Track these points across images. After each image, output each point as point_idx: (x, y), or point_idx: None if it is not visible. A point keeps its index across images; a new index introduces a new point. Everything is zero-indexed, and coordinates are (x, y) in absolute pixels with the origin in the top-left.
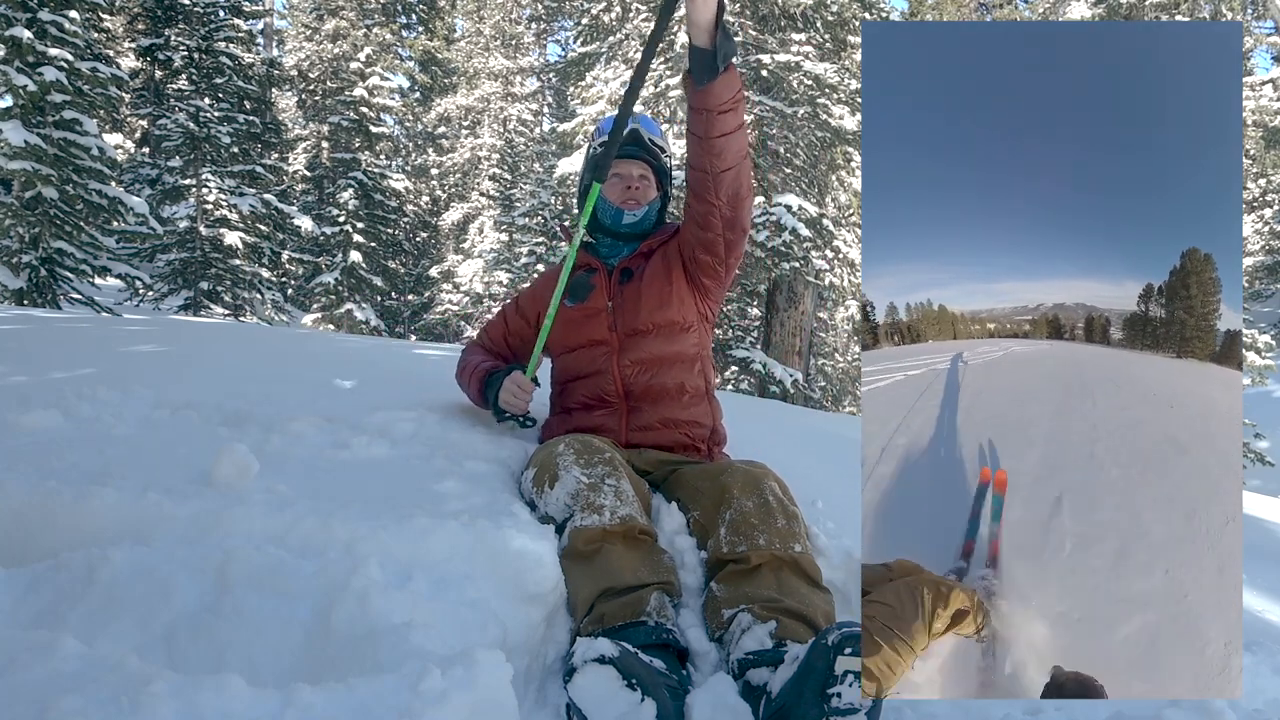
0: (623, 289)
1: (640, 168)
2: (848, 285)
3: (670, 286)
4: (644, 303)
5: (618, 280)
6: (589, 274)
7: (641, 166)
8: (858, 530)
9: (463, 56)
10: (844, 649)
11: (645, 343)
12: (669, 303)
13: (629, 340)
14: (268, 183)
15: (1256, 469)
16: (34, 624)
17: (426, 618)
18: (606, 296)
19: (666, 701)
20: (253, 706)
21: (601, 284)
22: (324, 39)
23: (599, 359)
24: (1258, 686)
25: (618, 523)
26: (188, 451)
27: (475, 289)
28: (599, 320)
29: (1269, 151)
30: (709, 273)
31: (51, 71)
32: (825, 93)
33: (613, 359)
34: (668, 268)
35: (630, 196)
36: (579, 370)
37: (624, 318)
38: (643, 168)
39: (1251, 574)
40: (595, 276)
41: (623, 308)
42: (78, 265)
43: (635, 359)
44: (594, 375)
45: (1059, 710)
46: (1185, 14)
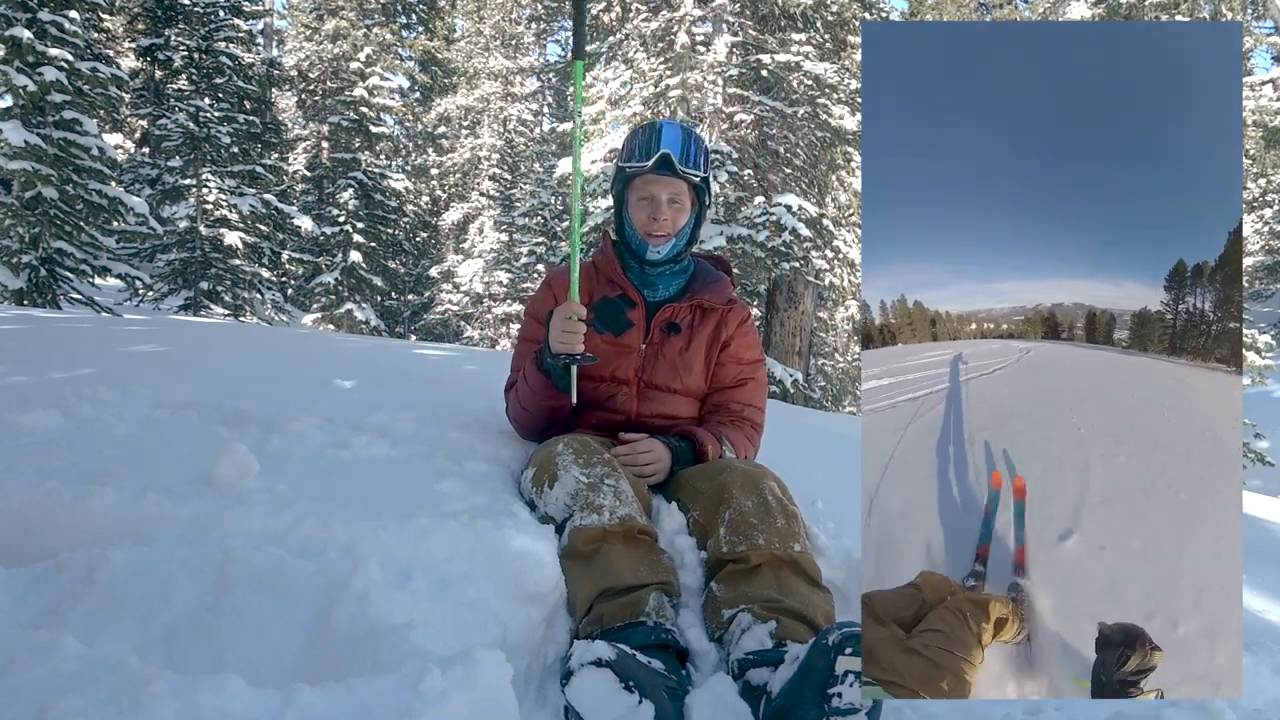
0: (664, 341)
1: (672, 188)
2: (848, 285)
3: (705, 363)
4: (681, 368)
5: (661, 328)
6: (626, 304)
7: (675, 186)
8: (858, 530)
9: (463, 56)
10: (844, 649)
11: (669, 400)
12: (702, 375)
13: (653, 391)
14: (268, 183)
15: (1256, 469)
16: (34, 624)
17: (426, 618)
18: (642, 337)
19: (665, 703)
20: (253, 706)
21: (639, 322)
22: (324, 39)
23: (619, 397)
24: (1258, 686)
25: (617, 523)
26: (188, 451)
27: (475, 289)
28: (629, 360)
29: (1269, 151)
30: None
31: (51, 71)
32: (825, 93)
33: (632, 403)
34: (709, 345)
35: (656, 228)
36: (593, 397)
37: (657, 371)
38: (675, 188)
39: (1251, 574)
40: (633, 312)
41: (658, 361)
42: (78, 265)
43: (655, 411)
44: (609, 409)
45: (1059, 710)
46: (1185, 14)
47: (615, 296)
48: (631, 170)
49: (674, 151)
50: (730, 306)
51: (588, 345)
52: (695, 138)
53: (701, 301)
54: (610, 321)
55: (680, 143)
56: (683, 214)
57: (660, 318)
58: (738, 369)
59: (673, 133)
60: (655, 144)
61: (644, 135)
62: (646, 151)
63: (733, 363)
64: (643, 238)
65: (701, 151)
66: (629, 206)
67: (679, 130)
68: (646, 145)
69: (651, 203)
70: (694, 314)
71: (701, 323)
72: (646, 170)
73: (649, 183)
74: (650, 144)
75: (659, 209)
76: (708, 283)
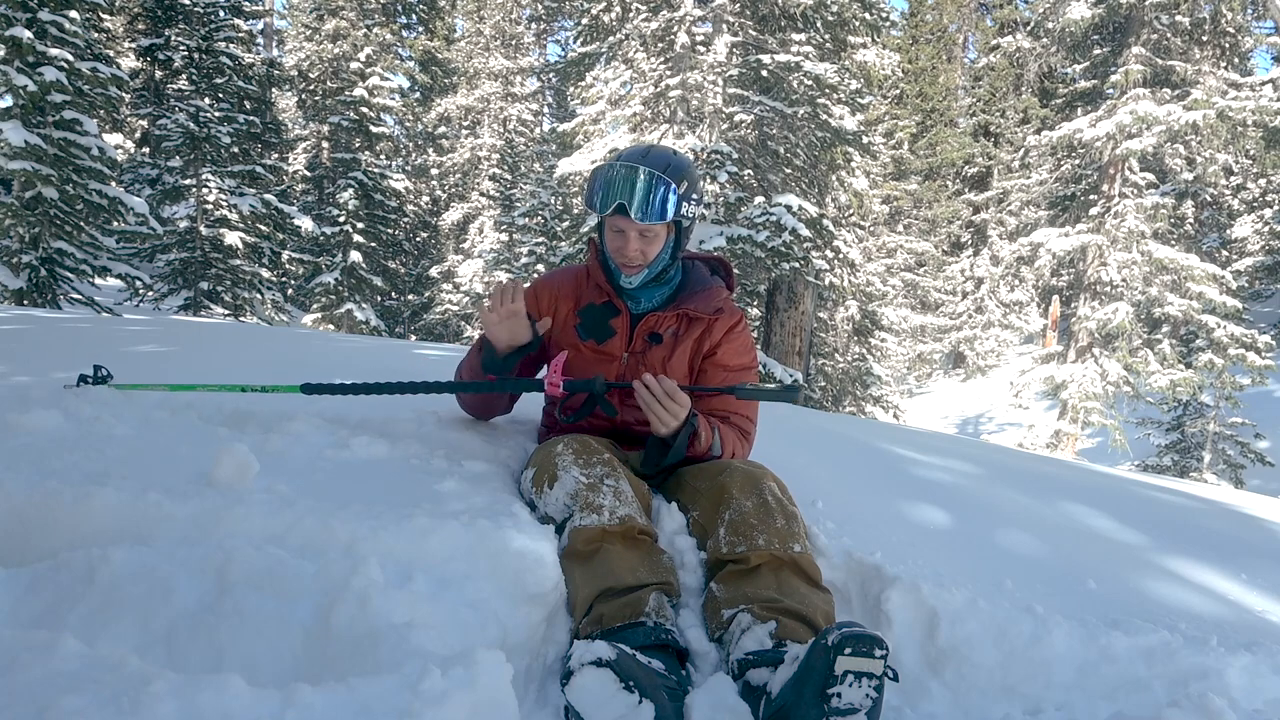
0: (647, 350)
1: (640, 225)
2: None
3: (688, 372)
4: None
5: (644, 337)
6: (610, 311)
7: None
8: (857, 530)
9: (463, 56)
10: (844, 649)
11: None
12: (683, 382)
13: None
14: (268, 183)
15: (1256, 469)
16: (34, 624)
17: (426, 618)
18: (624, 345)
19: (665, 703)
20: (253, 706)
21: (622, 330)
22: (324, 39)
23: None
24: (1258, 686)
25: (617, 523)
26: (188, 451)
27: (475, 289)
28: (611, 368)
29: (1269, 151)
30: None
31: (51, 71)
32: (825, 93)
33: (615, 410)
34: (692, 355)
35: (627, 260)
36: (575, 403)
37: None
38: (644, 224)
39: (1252, 574)
40: (617, 320)
41: (639, 369)
42: (78, 265)
43: (639, 418)
44: (593, 415)
45: (1059, 710)
46: (1185, 14)
47: (601, 304)
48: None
49: (632, 201)
50: (717, 316)
51: (571, 352)
52: (658, 180)
53: (687, 311)
54: (593, 329)
55: (646, 189)
56: (654, 245)
57: (644, 327)
58: (723, 375)
59: (630, 179)
60: (611, 192)
61: (606, 176)
62: (604, 199)
63: (718, 369)
64: (616, 265)
65: (667, 192)
66: (605, 229)
67: (643, 176)
68: (605, 190)
69: (621, 235)
70: (679, 323)
71: (686, 332)
72: (604, 215)
73: (618, 218)
74: (607, 191)
75: (627, 244)
76: (696, 291)
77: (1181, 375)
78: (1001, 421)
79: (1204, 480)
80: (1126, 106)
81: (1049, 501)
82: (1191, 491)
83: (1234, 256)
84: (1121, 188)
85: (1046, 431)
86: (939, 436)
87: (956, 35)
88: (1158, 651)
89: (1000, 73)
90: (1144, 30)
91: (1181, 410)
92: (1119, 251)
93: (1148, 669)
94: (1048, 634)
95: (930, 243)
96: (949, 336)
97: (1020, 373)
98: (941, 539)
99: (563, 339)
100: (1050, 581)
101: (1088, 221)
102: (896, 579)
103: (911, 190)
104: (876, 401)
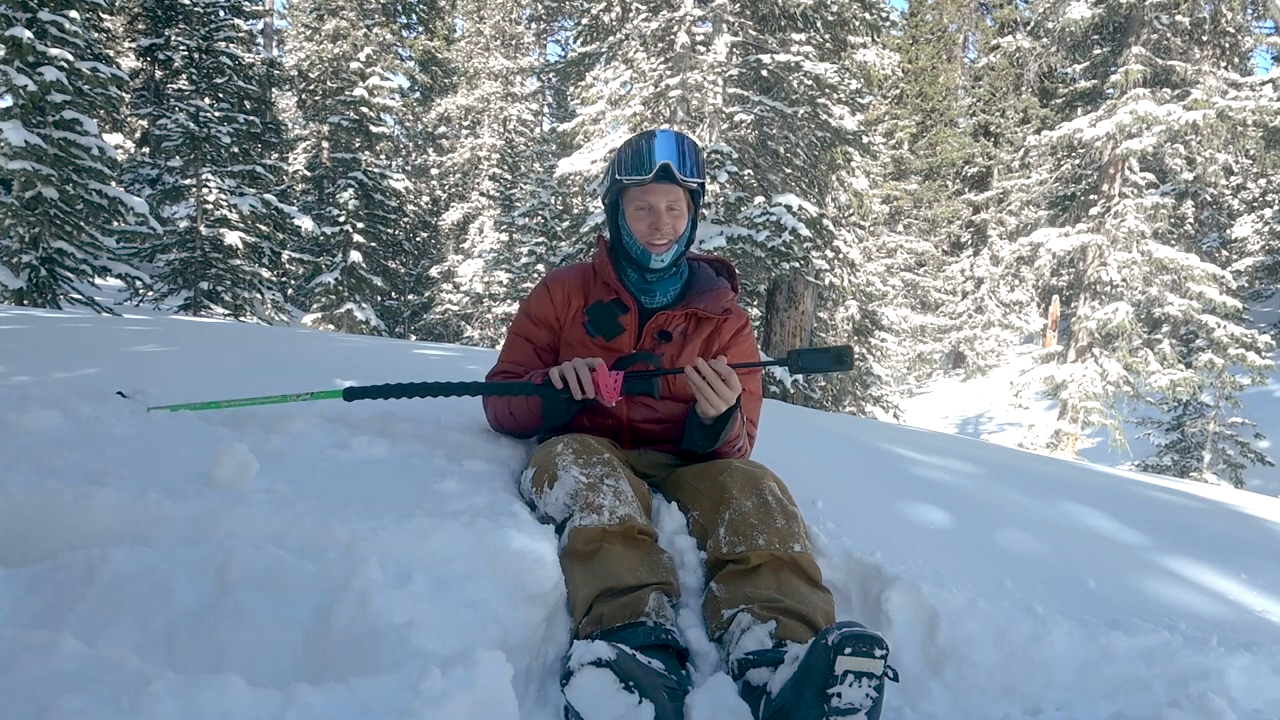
0: (656, 347)
1: (670, 196)
2: (847, 285)
3: None
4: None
5: (654, 334)
6: (619, 309)
7: (672, 194)
8: (857, 530)
9: (463, 56)
10: (844, 649)
11: (658, 405)
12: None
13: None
14: (268, 183)
15: (1256, 469)
16: (34, 624)
17: (426, 618)
18: (633, 342)
19: (665, 703)
20: (253, 706)
21: (631, 327)
22: (324, 39)
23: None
24: (1258, 686)
25: (617, 523)
26: (188, 451)
27: (475, 289)
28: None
29: (1269, 151)
30: None
31: (51, 71)
32: (825, 93)
33: (622, 407)
34: (701, 354)
35: (658, 236)
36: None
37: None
38: (673, 195)
39: (1252, 574)
40: (625, 317)
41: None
42: (78, 265)
43: (645, 416)
44: (599, 413)
45: (1059, 710)
46: (1185, 13)
47: (610, 301)
48: (630, 182)
49: (673, 161)
50: (726, 316)
51: (578, 348)
52: (689, 144)
53: (696, 310)
54: (602, 325)
55: (676, 152)
56: (681, 220)
57: (653, 324)
58: None
59: (667, 142)
60: (652, 155)
61: (640, 146)
62: (645, 164)
63: None
64: (644, 247)
65: (696, 157)
66: (626, 216)
67: (673, 139)
68: (645, 156)
69: (650, 212)
70: (688, 322)
71: (695, 331)
72: (647, 181)
73: (646, 192)
74: (648, 155)
75: (659, 218)
76: (704, 290)
77: (1181, 375)
78: (1001, 421)
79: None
80: (1126, 106)
81: (1049, 501)
82: (1191, 491)
83: (1234, 256)
84: (1121, 188)
85: (1046, 431)
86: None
87: (956, 35)
88: (1158, 651)
89: (1000, 73)
90: (1144, 30)
91: (1181, 410)
92: (1119, 251)
93: (1148, 669)
94: (1048, 634)
95: (930, 243)
96: (949, 336)
97: (1020, 373)
98: (941, 539)
99: (571, 335)
100: (1050, 581)
101: (1088, 221)
102: (896, 579)
103: (911, 190)
104: (876, 401)
